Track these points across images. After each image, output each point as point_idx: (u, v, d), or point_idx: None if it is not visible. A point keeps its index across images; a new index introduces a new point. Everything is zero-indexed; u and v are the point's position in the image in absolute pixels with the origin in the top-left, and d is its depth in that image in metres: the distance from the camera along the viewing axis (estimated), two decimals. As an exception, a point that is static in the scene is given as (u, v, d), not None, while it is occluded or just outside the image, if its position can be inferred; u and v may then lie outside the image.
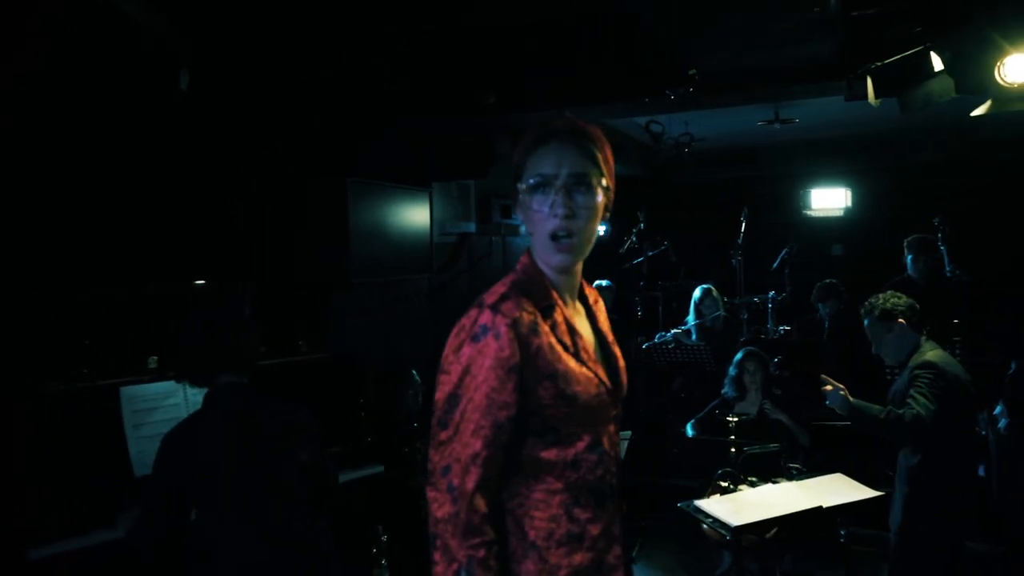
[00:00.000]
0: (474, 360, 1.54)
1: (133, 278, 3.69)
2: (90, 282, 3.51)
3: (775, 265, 7.20)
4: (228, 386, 2.48)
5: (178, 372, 2.58)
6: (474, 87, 4.49)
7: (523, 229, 1.71)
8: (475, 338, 1.55)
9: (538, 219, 1.62)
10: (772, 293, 6.68)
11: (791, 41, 3.49)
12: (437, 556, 1.53)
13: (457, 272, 6.09)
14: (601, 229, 7.04)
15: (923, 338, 3.51)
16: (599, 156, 1.64)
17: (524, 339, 1.55)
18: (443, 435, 1.55)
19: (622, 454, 4.48)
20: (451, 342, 1.59)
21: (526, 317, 1.56)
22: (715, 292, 6.36)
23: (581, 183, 1.60)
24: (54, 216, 3.37)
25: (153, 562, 2.29)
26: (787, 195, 8.46)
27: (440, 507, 1.53)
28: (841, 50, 3.44)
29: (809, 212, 8.25)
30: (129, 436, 2.94)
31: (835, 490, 3.71)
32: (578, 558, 1.59)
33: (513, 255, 7.51)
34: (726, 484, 3.86)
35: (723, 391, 5.08)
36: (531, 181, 1.61)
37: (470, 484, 1.51)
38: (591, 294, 1.85)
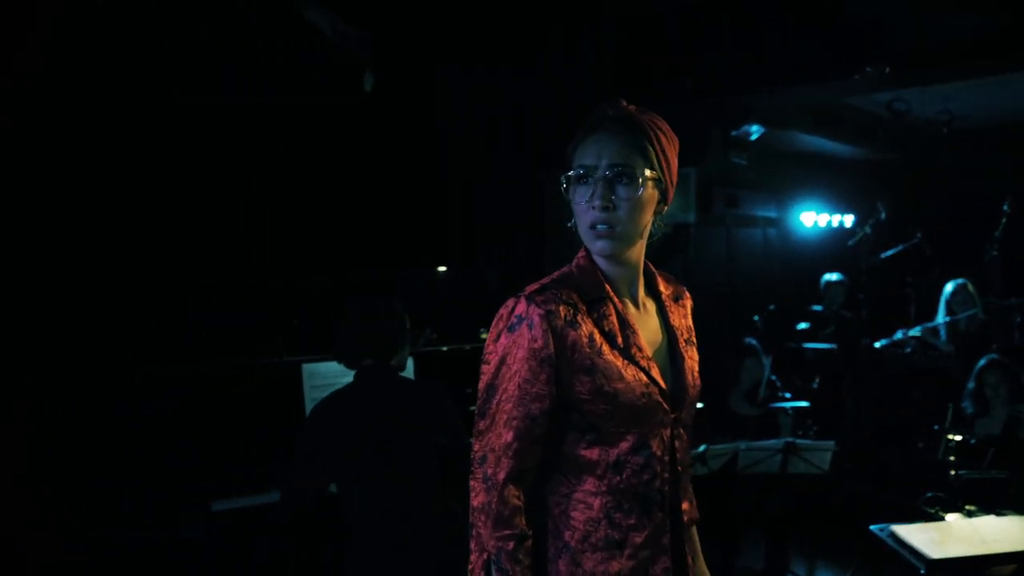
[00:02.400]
0: (509, 350, 1.52)
1: (376, 263, 4.10)
2: (323, 270, 3.97)
3: (1061, 261, 6.14)
4: (371, 368, 2.66)
5: (334, 355, 2.82)
6: (673, 72, 4.34)
7: (571, 224, 1.66)
8: (511, 328, 1.52)
9: (579, 211, 1.56)
10: (1051, 294, 5.71)
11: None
12: (472, 544, 1.55)
13: (671, 265, 5.93)
14: (848, 220, 6.48)
15: None
16: (649, 148, 1.54)
17: (559, 331, 1.49)
18: (481, 424, 1.56)
19: (826, 465, 4.16)
20: (491, 331, 1.58)
21: (563, 309, 1.51)
22: (971, 287, 5.57)
23: (623, 175, 1.51)
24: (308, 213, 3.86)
25: (289, 521, 2.53)
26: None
27: (476, 496, 1.55)
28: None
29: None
30: (308, 409, 3.23)
31: (1078, 530, 3.11)
32: (615, 566, 1.51)
33: (739, 247, 7.16)
34: (933, 510, 3.39)
35: (962, 403, 4.46)
36: (574, 172, 1.56)
37: (502, 475, 1.51)
38: (668, 288, 1.73)
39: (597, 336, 1.52)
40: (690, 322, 1.73)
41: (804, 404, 4.73)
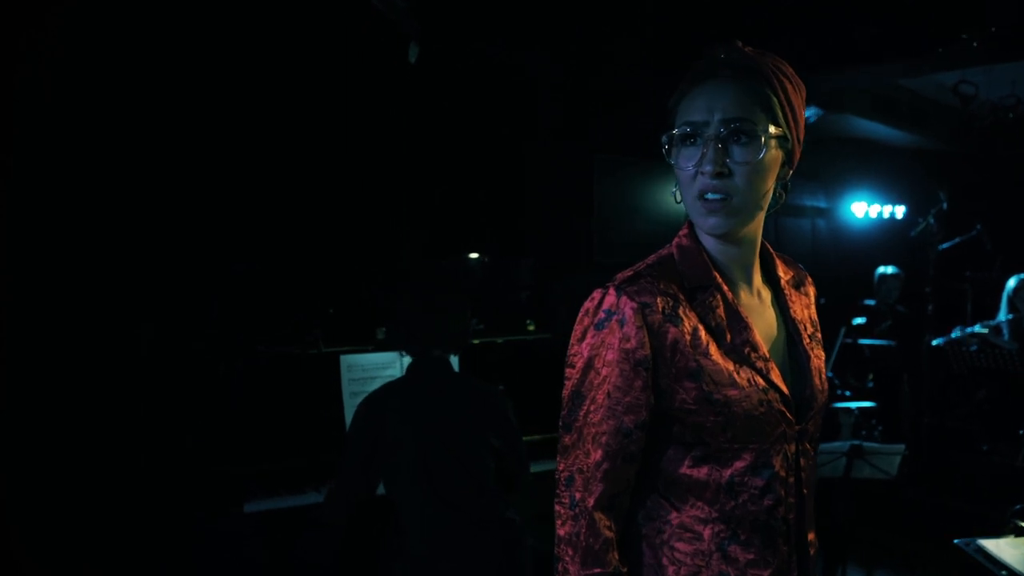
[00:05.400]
0: (597, 352, 1.25)
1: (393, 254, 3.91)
2: (352, 257, 3.78)
3: None
4: (429, 361, 2.45)
5: (391, 342, 2.63)
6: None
7: (677, 196, 1.37)
8: (599, 325, 1.25)
9: (684, 179, 1.27)
10: None
11: None
12: None
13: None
14: (900, 212, 6.14)
15: None
16: (773, 98, 1.24)
17: (657, 328, 1.22)
18: (567, 439, 1.29)
19: (893, 470, 3.88)
20: (576, 329, 1.30)
21: (661, 301, 1.23)
22: None
23: (740, 132, 1.22)
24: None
25: (340, 521, 2.34)
26: None
27: (562, 524, 1.27)
28: None
29: None
30: (346, 403, 3.03)
31: None
32: None
33: (786, 238, 6.86)
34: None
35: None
36: (679, 131, 1.27)
37: (591, 500, 1.24)
38: (787, 273, 1.44)
39: (702, 332, 1.25)
40: (814, 314, 1.44)
41: (870, 404, 4.45)
